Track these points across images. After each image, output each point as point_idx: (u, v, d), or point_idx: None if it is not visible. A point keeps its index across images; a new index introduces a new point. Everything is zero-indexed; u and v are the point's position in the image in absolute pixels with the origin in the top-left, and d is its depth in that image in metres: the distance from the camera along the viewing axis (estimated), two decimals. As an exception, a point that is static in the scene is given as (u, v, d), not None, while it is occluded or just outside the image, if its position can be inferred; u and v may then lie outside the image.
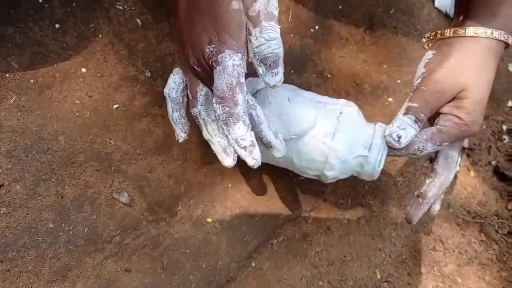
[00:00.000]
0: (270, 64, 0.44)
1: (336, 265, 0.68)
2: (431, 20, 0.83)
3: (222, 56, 0.42)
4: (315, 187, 0.69)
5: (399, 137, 0.52)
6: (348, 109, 0.55)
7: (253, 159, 0.45)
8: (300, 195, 0.68)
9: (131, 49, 0.57)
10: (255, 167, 0.46)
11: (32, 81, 0.51)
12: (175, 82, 0.51)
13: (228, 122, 0.43)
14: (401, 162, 0.77)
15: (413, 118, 0.52)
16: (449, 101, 0.54)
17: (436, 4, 0.84)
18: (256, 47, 0.43)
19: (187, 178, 0.60)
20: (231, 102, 0.43)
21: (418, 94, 0.54)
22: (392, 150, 0.54)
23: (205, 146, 0.62)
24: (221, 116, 0.43)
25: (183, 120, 0.51)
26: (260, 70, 0.45)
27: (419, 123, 0.53)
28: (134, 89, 0.57)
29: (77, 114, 0.53)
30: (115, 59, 0.56)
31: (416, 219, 0.59)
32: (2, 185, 0.49)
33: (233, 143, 0.45)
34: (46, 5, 0.52)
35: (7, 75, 0.50)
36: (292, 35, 0.70)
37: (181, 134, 0.52)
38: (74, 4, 0.54)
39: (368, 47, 0.77)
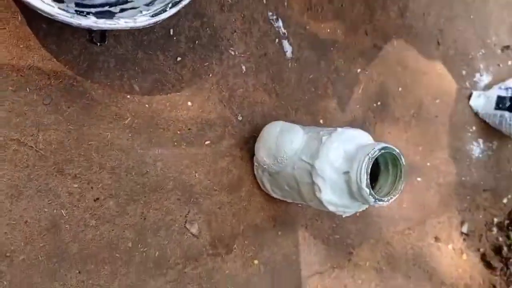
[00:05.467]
0: None
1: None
2: (467, 113, 0.93)
3: None
4: (339, 241, 0.75)
5: None
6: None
7: None
8: (332, 249, 0.73)
9: (232, 93, 0.60)
10: None
11: (147, 106, 0.53)
12: None
13: None
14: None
15: None
16: None
17: (471, 102, 0.93)
18: None
19: (247, 220, 0.64)
20: None
21: None
22: None
23: (268, 196, 0.66)
24: None
25: None
26: None
27: None
28: (225, 129, 0.60)
29: (175, 143, 0.56)
30: (217, 99, 0.59)
31: None
32: (98, 198, 0.51)
33: None
34: (174, 38, 0.55)
35: (128, 96, 0.52)
36: (358, 106, 0.76)
37: None
38: (197, 42, 0.57)
39: (412, 128, 0.84)
